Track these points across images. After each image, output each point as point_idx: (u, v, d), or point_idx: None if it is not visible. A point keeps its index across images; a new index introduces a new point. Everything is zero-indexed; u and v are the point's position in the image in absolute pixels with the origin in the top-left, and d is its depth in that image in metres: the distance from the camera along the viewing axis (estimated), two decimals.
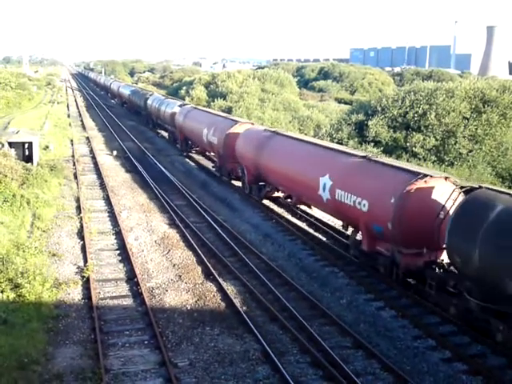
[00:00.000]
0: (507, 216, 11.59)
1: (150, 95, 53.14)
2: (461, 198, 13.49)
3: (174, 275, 16.60)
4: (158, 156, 36.39)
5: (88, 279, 15.76)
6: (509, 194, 12.19)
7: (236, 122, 28.22)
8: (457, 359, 12.21)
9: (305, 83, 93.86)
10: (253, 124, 28.32)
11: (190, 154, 37.11)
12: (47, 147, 34.91)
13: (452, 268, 13.67)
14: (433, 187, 14.43)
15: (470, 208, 12.56)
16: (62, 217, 21.90)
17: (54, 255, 17.66)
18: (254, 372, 11.61)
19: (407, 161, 28.67)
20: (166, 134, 46.79)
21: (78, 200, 24.43)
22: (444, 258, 14.10)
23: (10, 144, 28.35)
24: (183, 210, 23.35)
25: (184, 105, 41.15)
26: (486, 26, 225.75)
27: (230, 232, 20.57)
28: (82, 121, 56.22)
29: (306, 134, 39.56)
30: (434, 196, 14.34)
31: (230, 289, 15.57)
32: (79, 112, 64.72)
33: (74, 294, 15.05)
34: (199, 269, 17.07)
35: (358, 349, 12.58)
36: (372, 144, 32.47)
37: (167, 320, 13.80)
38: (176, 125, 38.33)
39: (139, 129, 51.75)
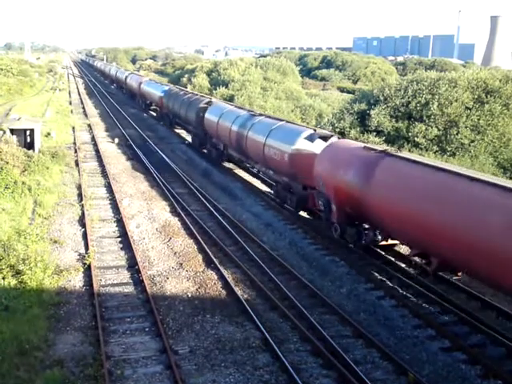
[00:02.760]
0: None
1: (208, 104, 32.76)
2: None
3: (175, 263, 16.63)
4: (160, 144, 36.34)
5: (89, 266, 15.80)
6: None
7: None
8: (456, 349, 12.27)
9: (307, 72, 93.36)
10: None
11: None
12: (49, 134, 34.89)
13: None
14: None
15: None
16: (63, 204, 21.92)
17: (55, 242, 17.70)
18: (254, 359, 11.68)
19: (409, 151, 28.55)
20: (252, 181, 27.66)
21: (79, 187, 24.43)
22: None
23: (12, 131, 28.36)
24: (184, 198, 23.37)
25: (326, 137, 19.82)
26: (489, 16, 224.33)
27: (230, 220, 20.60)
28: (83, 108, 56.04)
29: (308, 124, 39.36)
30: None
31: (231, 277, 15.61)
32: (81, 99, 64.53)
33: (76, 281, 15.09)
34: (200, 257, 17.10)
35: (358, 338, 12.64)
36: (374, 134, 32.35)
37: (168, 307, 13.85)
38: (318, 176, 18.41)
39: (141, 116, 51.64)
